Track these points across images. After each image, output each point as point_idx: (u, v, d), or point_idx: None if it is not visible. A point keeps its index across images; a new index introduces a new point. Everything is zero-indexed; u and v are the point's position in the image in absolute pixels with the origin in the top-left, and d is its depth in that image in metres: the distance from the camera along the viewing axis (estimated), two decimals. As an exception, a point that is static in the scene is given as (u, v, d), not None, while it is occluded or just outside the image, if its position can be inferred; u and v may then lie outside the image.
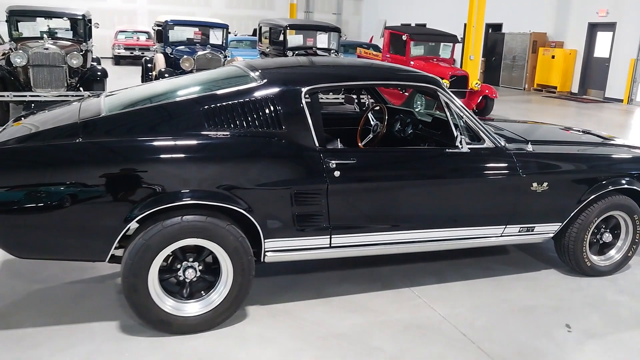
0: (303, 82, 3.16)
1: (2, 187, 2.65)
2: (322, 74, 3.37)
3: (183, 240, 2.87)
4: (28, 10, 9.58)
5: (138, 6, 25.49)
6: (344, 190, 3.13)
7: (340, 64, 3.71)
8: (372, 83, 3.53)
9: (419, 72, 3.67)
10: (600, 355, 2.99)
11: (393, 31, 12.49)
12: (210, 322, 3.02)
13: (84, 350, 2.81)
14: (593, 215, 3.79)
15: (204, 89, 3.30)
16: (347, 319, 3.24)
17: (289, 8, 27.20)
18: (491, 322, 3.29)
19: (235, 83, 3.25)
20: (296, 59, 4.06)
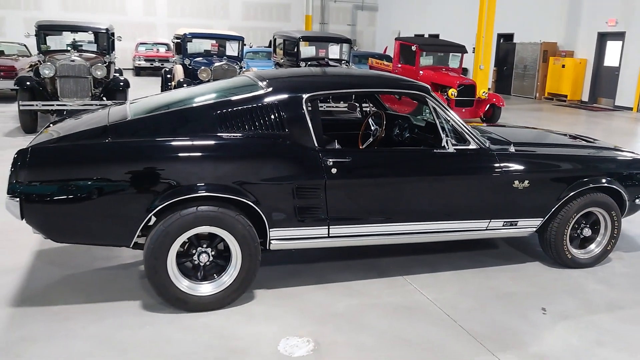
0: (304, 89, 3.57)
1: (41, 181, 3.08)
2: (322, 83, 3.78)
3: (198, 228, 3.28)
4: (55, 25, 10.16)
5: (158, 19, 26.24)
6: (340, 186, 3.52)
7: (340, 74, 4.11)
8: (367, 90, 3.93)
9: (409, 80, 4.05)
10: (569, 334, 3.32)
11: (403, 42, 12.89)
12: (221, 301, 3.41)
13: (110, 324, 3.22)
14: (572, 211, 4.13)
15: (217, 96, 3.71)
16: (343, 301, 3.61)
17: (305, 20, 27.77)
18: (474, 305, 3.64)
19: (245, 91, 3.67)
20: (301, 69, 4.47)
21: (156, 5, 26.11)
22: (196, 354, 2.95)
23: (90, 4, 25.13)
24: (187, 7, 26.47)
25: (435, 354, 3.04)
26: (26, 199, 3.06)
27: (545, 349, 3.13)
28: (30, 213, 3.09)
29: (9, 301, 3.45)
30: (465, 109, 11.79)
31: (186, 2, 26.44)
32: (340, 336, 3.19)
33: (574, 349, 3.15)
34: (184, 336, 3.12)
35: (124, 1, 25.59)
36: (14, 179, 3.06)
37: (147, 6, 25.97)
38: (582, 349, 3.14)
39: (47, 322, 3.22)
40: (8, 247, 4.29)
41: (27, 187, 3.05)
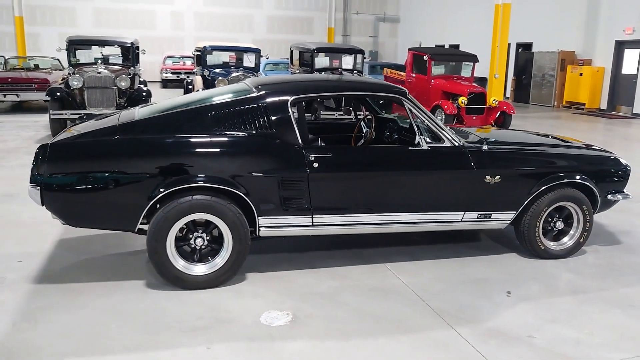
0: (289, 93, 4.01)
1: (58, 173, 3.57)
2: (306, 87, 4.19)
3: (193, 215, 3.73)
4: (84, 40, 10.88)
5: (186, 33, 27.17)
6: (321, 179, 3.93)
7: (323, 79, 4.53)
8: (347, 94, 4.34)
9: (387, 84, 4.44)
10: (527, 313, 3.64)
11: (415, 52, 13.26)
12: (215, 281, 3.84)
13: (116, 298, 3.68)
14: (543, 205, 4.44)
15: (214, 100, 4.16)
16: (325, 283, 4.00)
17: (327, 32, 28.37)
18: (444, 288, 3.98)
19: (238, 95, 4.12)
20: (290, 76, 4.91)
21: (184, 21, 27.05)
22: (187, 322, 3.38)
23: (121, 20, 26.20)
24: (213, 22, 27.35)
25: (397, 326, 3.41)
26: (45, 188, 3.55)
27: (500, 324, 3.46)
28: (49, 200, 3.58)
29: (32, 279, 3.94)
30: (476, 116, 12.08)
31: (212, 17, 27.32)
32: (317, 311, 3.58)
33: (528, 325, 3.47)
34: (179, 308, 3.56)
35: (154, 17, 26.60)
36: (35, 170, 3.56)
37: (175, 21, 26.93)
38: (535, 325, 3.46)
39: (63, 295, 3.70)
40: (35, 236, 4.81)
41: (46, 178, 3.55)
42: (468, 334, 3.33)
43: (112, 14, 26.06)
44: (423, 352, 3.12)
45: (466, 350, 3.14)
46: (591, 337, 3.33)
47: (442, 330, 3.37)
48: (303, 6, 28.54)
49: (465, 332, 3.35)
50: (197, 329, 3.31)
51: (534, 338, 3.31)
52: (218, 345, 3.14)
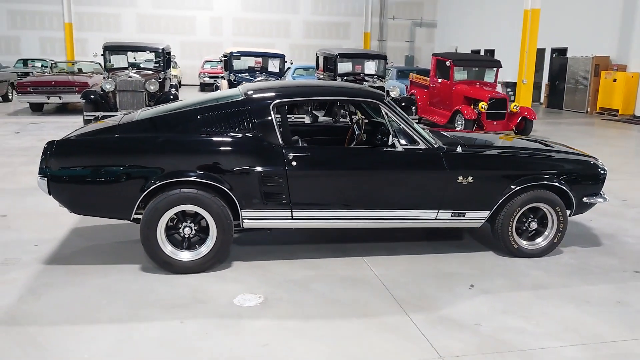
0: (271, 98, 4.39)
1: (63, 166, 4.05)
2: (287, 92, 4.55)
3: (181, 206, 4.15)
4: (118, 46, 11.59)
5: (224, 38, 28.00)
6: (298, 176, 4.28)
7: (305, 85, 4.87)
8: (324, 98, 4.69)
9: (365, 89, 4.77)
10: (482, 304, 3.89)
11: (438, 57, 13.43)
12: (201, 267, 4.25)
13: (112, 278, 4.13)
14: (516, 205, 4.66)
15: (207, 103, 4.58)
16: (302, 272, 4.35)
17: (363, 37, 28.69)
18: (412, 280, 4.27)
19: (228, 99, 4.52)
20: (278, 82, 5.28)
21: (222, 26, 27.91)
22: (169, 301, 3.79)
23: (163, 25, 27.26)
24: (250, 27, 28.09)
25: (356, 310, 3.73)
26: (51, 180, 4.04)
27: (453, 313, 3.73)
28: (55, 190, 4.08)
29: (43, 260, 4.45)
30: (497, 121, 12.16)
31: (250, 22, 28.07)
32: (287, 295, 3.94)
33: (479, 314, 3.72)
34: (165, 289, 3.98)
35: (194, 23, 27.55)
36: (43, 164, 4.06)
37: (214, 27, 27.81)
38: (486, 315, 3.71)
39: (67, 275, 4.18)
40: (53, 225, 5.34)
41: (52, 171, 4.04)
42: (420, 319, 3.62)
43: (154, 20, 27.15)
44: (372, 333, 3.43)
45: (413, 333, 3.43)
46: (536, 327, 3.56)
47: (396, 315, 3.67)
48: (339, 11, 28.94)
49: (418, 318, 3.64)
50: (176, 306, 3.73)
51: (481, 326, 3.56)
52: (190, 320, 3.54)
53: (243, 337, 3.35)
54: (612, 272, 4.53)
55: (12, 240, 4.90)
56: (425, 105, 13.96)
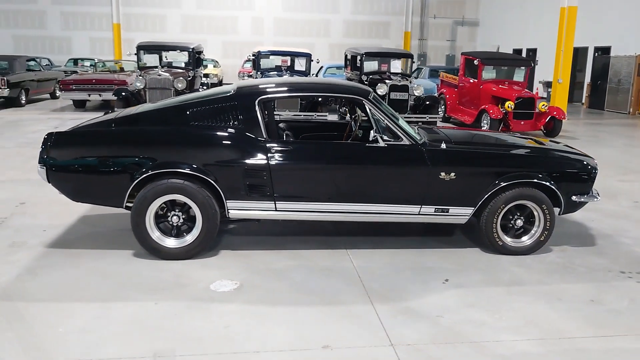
0: (257, 94, 4.57)
1: (60, 156, 4.36)
2: (272, 89, 4.72)
3: (168, 195, 4.39)
4: (150, 45, 12.07)
5: (265, 38, 28.44)
6: (281, 169, 4.45)
7: (291, 82, 5.02)
8: (308, 94, 4.84)
9: (350, 86, 4.88)
10: (450, 297, 3.95)
11: (467, 56, 13.32)
12: (187, 254, 4.48)
13: (105, 262, 4.41)
14: (500, 202, 4.68)
15: (199, 98, 4.80)
16: (284, 262, 4.52)
17: (404, 36, 28.57)
18: (389, 272, 4.36)
19: (219, 95, 4.74)
20: (267, 79, 5.46)
21: (264, 26, 28.36)
22: (150, 284, 4.04)
23: (206, 25, 27.95)
24: (291, 27, 28.43)
25: (324, 299, 3.86)
26: (50, 168, 4.36)
27: (418, 305, 3.81)
28: (53, 178, 4.39)
29: (47, 244, 4.79)
30: (524, 121, 11.97)
31: (290, 22, 28.40)
32: (264, 283, 4.11)
33: (444, 307, 3.79)
34: (151, 273, 4.23)
35: (236, 23, 28.12)
36: (43, 154, 4.38)
37: (256, 26, 28.30)
38: (451, 308, 3.78)
39: (65, 258, 4.49)
40: (65, 212, 5.70)
41: (51, 160, 4.36)
42: (383, 309, 3.72)
43: (198, 20, 27.86)
44: (333, 320, 3.56)
45: (372, 322, 3.54)
46: (498, 321, 3.60)
47: (362, 305, 3.79)
48: (380, 10, 28.90)
49: (382, 308, 3.75)
50: (156, 289, 3.96)
51: (442, 318, 3.64)
52: (165, 302, 3.76)
53: (208, 319, 3.55)
54: (596, 272, 4.49)
55: (24, 226, 5.28)
56: (455, 105, 13.87)
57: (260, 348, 3.21)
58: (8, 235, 5.02)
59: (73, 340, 3.25)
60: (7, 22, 27.10)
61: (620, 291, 4.12)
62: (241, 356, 3.12)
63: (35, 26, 27.33)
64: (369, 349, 3.23)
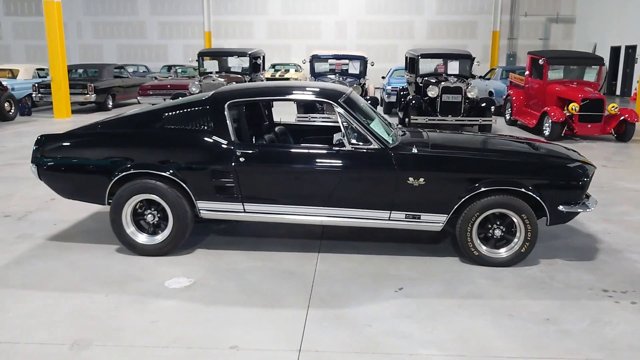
0: (226, 98, 4.69)
1: (49, 156, 4.74)
2: (242, 93, 4.80)
3: (142, 195, 4.63)
4: (210, 52, 12.66)
5: (348, 41, 28.65)
6: (246, 171, 4.54)
7: (262, 86, 5.05)
8: (279, 98, 4.84)
9: (319, 88, 4.83)
10: (392, 306, 3.81)
11: (533, 56, 12.58)
12: (160, 250, 4.70)
13: (86, 255, 4.75)
14: (474, 210, 4.43)
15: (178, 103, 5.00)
16: (249, 263, 4.60)
17: (492, 36, 27.51)
18: (347, 278, 4.29)
19: (195, 99, 4.92)
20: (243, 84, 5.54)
21: (347, 29, 28.57)
22: (112, 277, 4.29)
23: (290, 30, 28.69)
24: (374, 29, 28.39)
25: (264, 301, 3.89)
26: (40, 167, 4.77)
27: (353, 313, 3.72)
28: (43, 176, 4.80)
29: (47, 237, 5.24)
30: (591, 124, 11.12)
31: (373, 25, 28.36)
32: (217, 282, 4.22)
33: (379, 316, 3.67)
34: (120, 267, 4.49)
35: (319, 27, 28.58)
36: (35, 153, 4.80)
37: (339, 30, 28.58)
38: (384, 317, 3.65)
39: (55, 250, 4.89)
40: (80, 209, 6.18)
41: (41, 159, 4.77)
42: (314, 315, 3.69)
43: (283, 26, 28.67)
44: (257, 322, 3.59)
45: (295, 326, 3.52)
46: (426, 334, 3.44)
47: (297, 309, 3.77)
48: (466, 10, 28.04)
49: (315, 313, 3.71)
50: (114, 282, 4.21)
51: (370, 327, 3.53)
52: (114, 295, 3.99)
53: (142, 313, 3.72)
54: (573, 289, 4.12)
55: (41, 219, 5.80)
56: (521, 107, 13.16)
57: (170, 344, 3.32)
58: (22, 227, 5.55)
59: (14, 324, 3.55)
60: (112, 33, 29.55)
61: (586, 311, 3.76)
62: (148, 350, 3.25)
63: (136, 36, 29.56)
64: (274, 353, 3.23)
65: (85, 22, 29.51)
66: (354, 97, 5.03)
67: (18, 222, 5.72)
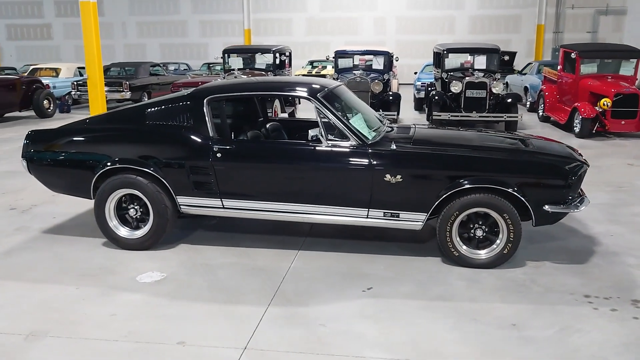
0: (205, 94, 4.69)
1: (38, 150, 4.86)
2: (219, 89, 4.77)
3: (124, 189, 4.69)
4: (235, 49, 12.73)
5: (387, 37, 28.32)
6: (223, 167, 4.52)
7: (243, 82, 5.01)
8: (256, 94, 4.81)
9: (298, 84, 4.75)
10: (356, 306, 3.71)
11: (566, 49, 12.05)
12: (141, 245, 4.76)
13: (73, 248, 4.86)
14: (454, 209, 4.27)
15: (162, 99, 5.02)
16: (225, 259, 4.59)
17: (536, 30, 26.59)
18: (317, 276, 4.22)
19: (177, 95, 4.95)
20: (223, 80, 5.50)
21: (386, 25, 28.24)
22: (89, 270, 4.37)
23: (329, 27, 28.61)
24: (413, 25, 27.93)
25: (227, 297, 3.87)
26: (29, 161, 4.92)
27: (312, 311, 3.65)
28: (32, 170, 4.95)
29: (42, 230, 5.39)
30: (625, 121, 10.55)
31: (413, 20, 27.91)
32: (188, 278, 4.23)
33: (336, 316, 3.58)
34: (100, 260, 4.57)
35: (358, 23, 28.37)
36: (25, 148, 4.95)
37: (378, 26, 28.28)
38: (342, 318, 3.56)
39: (44, 242, 5.03)
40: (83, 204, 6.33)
41: (30, 154, 4.91)
42: (272, 312, 3.64)
43: (322, 23, 28.61)
44: (212, 318, 3.57)
45: (248, 324, 3.49)
46: (379, 337, 3.33)
47: (257, 306, 3.73)
48: (509, 4, 27.19)
49: (272, 311, 3.66)
50: (89, 275, 4.29)
51: (324, 327, 3.46)
52: (85, 287, 4.06)
53: (106, 306, 3.77)
54: (552, 294, 3.91)
55: (43, 212, 5.98)
56: (554, 102, 12.64)
57: (121, 338, 3.34)
58: (24, 220, 5.74)
59: (-19, 313, 3.67)
60: (155, 32, 30.29)
61: (559, 317, 3.55)
62: (98, 343, 3.29)
63: (178, 34, 30.19)
64: (218, 350, 3.20)
65: (130, 22, 30.36)
66: (338, 92, 4.94)
67: (21, 214, 5.92)
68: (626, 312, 3.62)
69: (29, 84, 15.12)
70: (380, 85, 11.25)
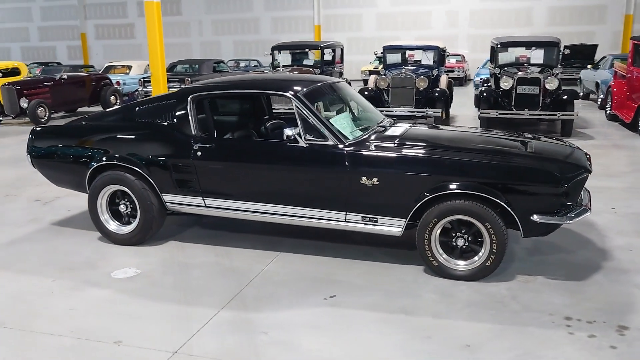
0: (191, 92, 4.67)
1: (40, 147, 5.08)
2: (205, 87, 4.73)
3: (111, 186, 4.80)
4: (283, 46, 12.75)
5: (459, 31, 27.37)
6: (204, 166, 4.50)
7: (231, 80, 4.92)
8: (239, 92, 4.71)
9: (282, 83, 4.61)
10: (311, 315, 3.55)
11: (636, 41, 11.02)
12: (129, 240, 4.84)
13: (69, 241, 5.03)
14: (432, 215, 3.98)
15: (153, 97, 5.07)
16: (204, 258, 4.57)
17: (624, 20, 24.71)
18: (287, 280, 4.09)
19: (167, 93, 4.98)
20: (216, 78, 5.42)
21: (458, 19, 27.29)
22: (73, 262, 4.51)
23: (399, 22, 28.07)
24: (488, 18, 26.79)
25: (186, 298, 3.84)
26: (33, 157, 5.14)
27: (265, 317, 3.53)
28: (36, 165, 5.17)
29: (53, 222, 5.64)
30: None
31: (487, 13, 26.78)
32: (159, 275, 4.25)
33: (286, 324, 3.44)
34: (87, 254, 4.70)
35: (429, 17, 27.62)
36: (29, 144, 5.18)
37: (450, 20, 27.39)
38: (291, 326, 3.41)
39: (49, 234, 5.25)
40: (102, 195, 6.57)
41: (34, 150, 5.13)
42: (222, 317, 3.56)
43: (392, 18, 28.13)
44: (160, 318, 3.55)
45: (191, 327, 3.43)
46: (317, 349, 3.16)
47: (210, 309, 3.67)
48: (593, -7, 25.39)
49: (223, 315, 3.58)
50: (70, 268, 4.41)
51: (266, 334, 3.33)
52: (61, 280, 4.18)
53: (72, 300, 3.85)
54: (529, 313, 3.54)
55: (61, 205, 6.26)
56: (622, 99, 11.62)
57: (67, 333, 3.40)
58: (41, 211, 6.03)
59: (-44, 301, 3.87)
60: (229, 30, 31.11)
61: (523, 341, 3.21)
62: (44, 337, 3.36)
63: (250, 31, 30.82)
64: (149, 352, 3.17)
65: (206, 21, 31.35)
66: (328, 89, 4.78)
67: (42, 206, 6.23)
68: (605, 339, 3.21)
69: (98, 81, 16.02)
70: (426, 81, 10.83)
